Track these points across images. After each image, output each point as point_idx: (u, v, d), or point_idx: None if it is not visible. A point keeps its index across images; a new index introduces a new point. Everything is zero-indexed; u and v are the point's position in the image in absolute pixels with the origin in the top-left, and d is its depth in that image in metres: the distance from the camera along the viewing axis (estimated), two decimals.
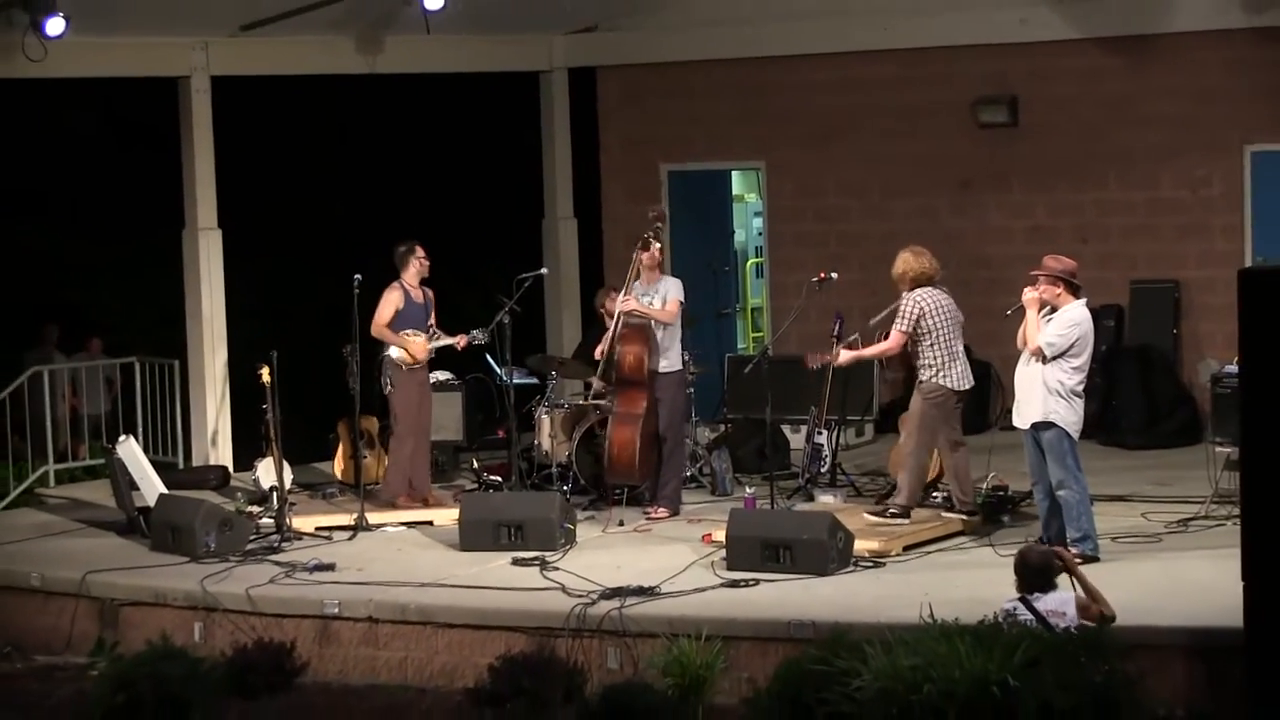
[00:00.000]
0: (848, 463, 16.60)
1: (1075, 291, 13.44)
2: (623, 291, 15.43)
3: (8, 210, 22.68)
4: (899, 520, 14.24)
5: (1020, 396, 13.51)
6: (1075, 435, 13.36)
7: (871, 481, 16.25)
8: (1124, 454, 17.33)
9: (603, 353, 15.48)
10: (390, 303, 15.62)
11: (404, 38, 18.16)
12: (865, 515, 14.28)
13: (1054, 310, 13.37)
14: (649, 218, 15.75)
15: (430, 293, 15.94)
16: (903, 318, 14.31)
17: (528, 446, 16.66)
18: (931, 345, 14.26)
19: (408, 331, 15.63)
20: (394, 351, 15.61)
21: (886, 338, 14.57)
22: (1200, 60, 18.08)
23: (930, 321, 14.24)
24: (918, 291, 14.31)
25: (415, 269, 15.74)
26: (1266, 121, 17.90)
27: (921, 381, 14.35)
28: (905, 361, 14.79)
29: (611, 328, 15.40)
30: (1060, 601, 11.19)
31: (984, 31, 18.68)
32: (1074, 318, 13.35)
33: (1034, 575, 11.30)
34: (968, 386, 14.44)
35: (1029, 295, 13.46)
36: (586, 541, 14.55)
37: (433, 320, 15.90)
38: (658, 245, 15.60)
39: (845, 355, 14.89)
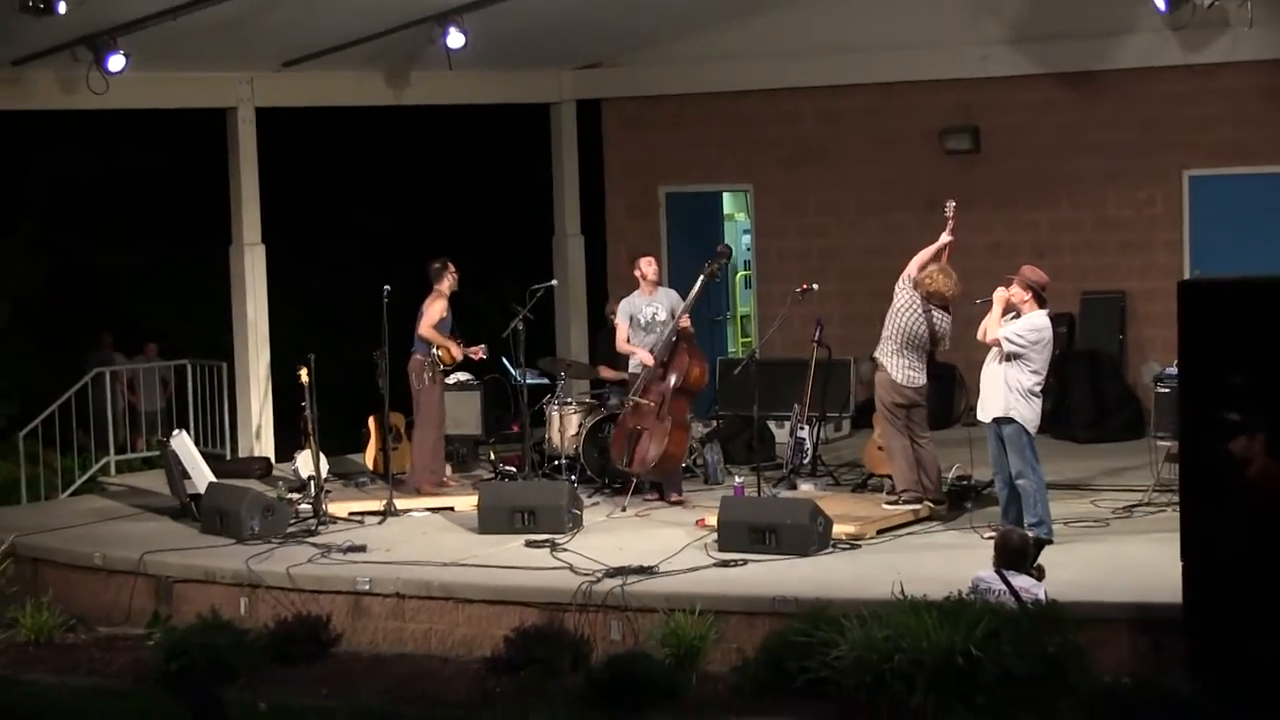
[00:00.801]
0: (827, 455, 16.58)
1: (1041, 302, 13.45)
2: (680, 310, 15.36)
3: (72, 228, 22.72)
4: (913, 505, 14.24)
5: (984, 393, 13.52)
6: (1033, 430, 13.37)
7: (849, 471, 16.21)
8: (1075, 447, 17.32)
9: (654, 361, 15.44)
10: (439, 310, 15.70)
11: (428, 73, 18.18)
12: (883, 505, 14.26)
13: (1019, 314, 13.40)
14: (717, 251, 15.75)
15: None
16: (905, 291, 14.33)
17: (539, 440, 16.65)
18: (891, 336, 14.28)
19: (447, 338, 15.72)
20: (436, 352, 15.70)
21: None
22: (1142, 94, 18.08)
23: (902, 319, 14.22)
24: (917, 300, 14.25)
25: (449, 282, 15.82)
26: (1202, 149, 17.91)
27: (905, 359, 14.35)
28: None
29: (666, 340, 15.34)
30: (1030, 584, 11.21)
31: (949, 67, 18.68)
32: (1036, 324, 13.37)
33: (1012, 555, 11.35)
34: (905, 384, 14.31)
35: (999, 293, 13.50)
36: (592, 525, 14.54)
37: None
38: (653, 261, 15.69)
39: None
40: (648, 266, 15.73)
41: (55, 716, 11.76)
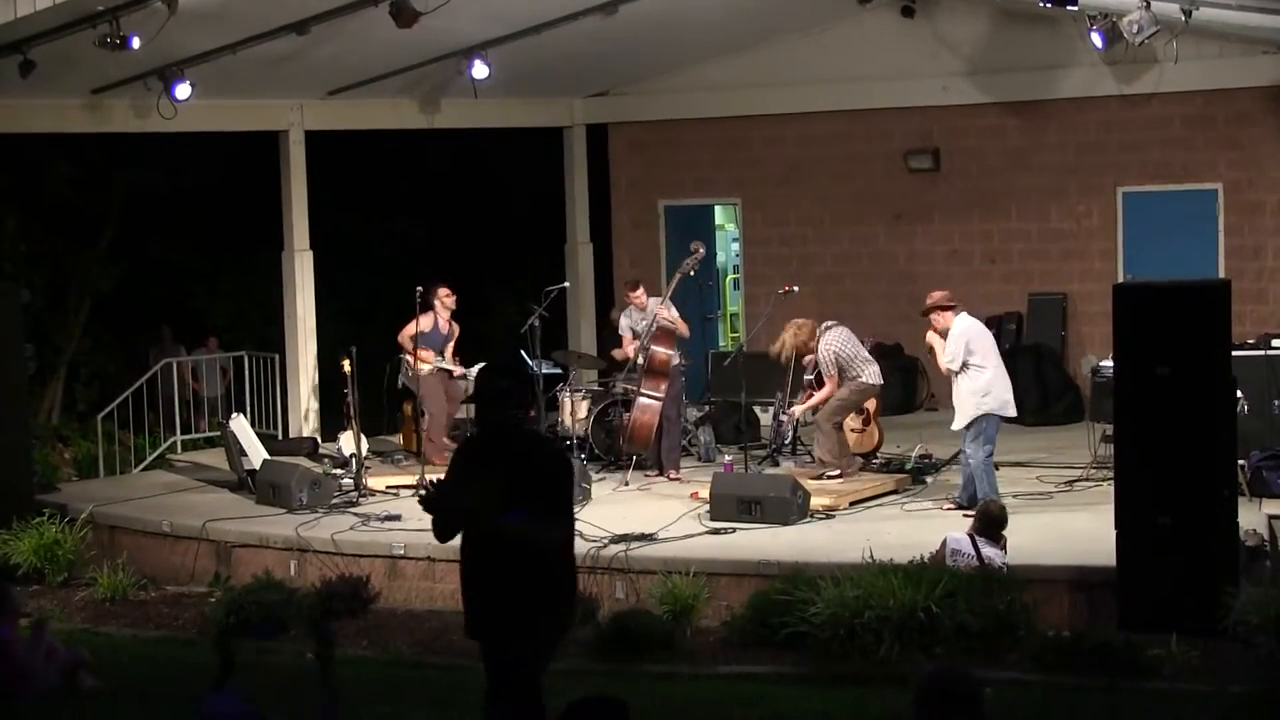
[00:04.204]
0: (805, 436, 16.55)
1: (954, 310, 13.42)
2: (662, 300, 15.39)
3: (145, 235, 22.69)
4: (835, 479, 14.14)
5: (955, 404, 13.49)
6: (1004, 411, 13.29)
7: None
8: (1023, 430, 17.23)
9: (636, 350, 15.46)
10: (411, 325, 15.78)
11: (456, 100, 18.16)
12: (808, 482, 14.00)
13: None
14: (691, 249, 15.61)
15: (456, 327, 16.01)
16: (827, 367, 14.13)
17: (553, 423, 16.65)
18: (850, 367, 14.14)
19: (423, 349, 15.67)
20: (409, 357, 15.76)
21: (821, 385, 14.38)
22: (1081, 120, 18.09)
23: (844, 357, 14.12)
24: (826, 339, 14.09)
25: (438, 305, 15.88)
26: (1133, 168, 17.92)
27: (851, 379, 14.21)
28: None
29: (648, 329, 15.31)
30: (997, 554, 11.22)
31: (913, 97, 18.67)
32: (954, 331, 13.34)
33: (990, 523, 11.36)
34: (879, 383, 14.30)
35: (928, 340, 13.49)
36: (600, 498, 14.54)
37: (451, 347, 15.98)
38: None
39: (800, 410, 14.76)
40: (635, 296, 15.74)
41: (129, 663, 11.76)
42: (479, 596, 7.39)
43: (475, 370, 16.08)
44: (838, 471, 14.13)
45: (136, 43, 13.42)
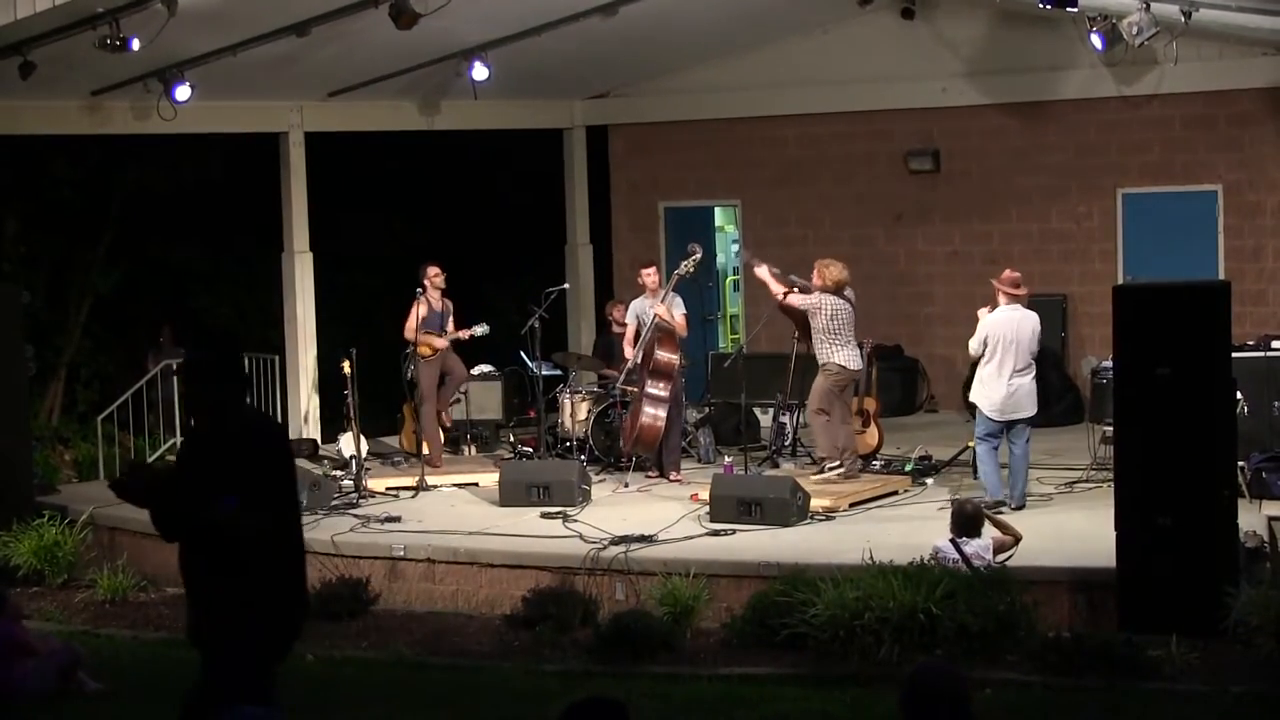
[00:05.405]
0: (805, 438, 16.55)
1: (1012, 300, 13.42)
2: (659, 299, 15.34)
3: (145, 236, 22.68)
4: (835, 470, 14.12)
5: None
6: (988, 411, 13.29)
7: None
8: None
9: (635, 351, 15.45)
10: (413, 314, 15.79)
11: (456, 101, 18.17)
12: (810, 480, 14.05)
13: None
14: (688, 250, 15.58)
15: (450, 304, 16.06)
16: (808, 301, 14.09)
17: (553, 424, 16.66)
18: (825, 335, 14.03)
19: (426, 334, 15.72)
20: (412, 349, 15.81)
21: (793, 291, 14.34)
22: (1081, 121, 18.09)
23: (822, 320, 14.06)
24: (828, 297, 14.09)
25: (428, 285, 15.88)
26: (1133, 170, 17.92)
27: (822, 364, 14.12)
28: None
29: (647, 331, 15.30)
30: (982, 547, 11.22)
31: (913, 98, 18.67)
32: (983, 322, 13.38)
33: (966, 522, 11.37)
34: (855, 367, 14.19)
35: (981, 313, 13.53)
36: (600, 499, 14.54)
37: (450, 324, 16.01)
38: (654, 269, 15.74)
39: (762, 271, 14.58)
40: (648, 276, 15.73)
41: (130, 664, 11.77)
42: (190, 597, 6.85)
43: (480, 328, 16.12)
44: (837, 462, 14.12)
45: (136, 44, 13.42)
